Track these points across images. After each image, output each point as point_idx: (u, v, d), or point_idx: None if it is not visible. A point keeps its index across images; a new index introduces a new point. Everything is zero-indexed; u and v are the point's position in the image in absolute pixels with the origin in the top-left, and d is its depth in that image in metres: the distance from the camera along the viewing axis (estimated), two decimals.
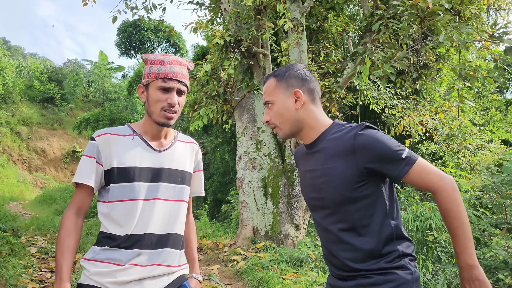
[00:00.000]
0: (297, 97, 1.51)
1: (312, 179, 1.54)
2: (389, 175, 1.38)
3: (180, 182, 1.69)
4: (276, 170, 6.29)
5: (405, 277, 1.37)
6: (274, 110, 1.54)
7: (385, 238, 1.40)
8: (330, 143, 1.47)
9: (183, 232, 1.72)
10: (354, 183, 1.39)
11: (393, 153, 1.35)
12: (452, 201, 1.33)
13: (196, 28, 7.05)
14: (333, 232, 1.47)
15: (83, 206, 1.59)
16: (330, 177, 1.45)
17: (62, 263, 1.48)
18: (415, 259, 1.46)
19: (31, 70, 31.05)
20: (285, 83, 1.53)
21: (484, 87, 12.56)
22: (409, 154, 1.37)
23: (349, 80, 6.18)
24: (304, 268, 4.94)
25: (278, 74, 1.56)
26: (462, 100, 5.27)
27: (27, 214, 12.99)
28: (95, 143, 1.57)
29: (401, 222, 1.48)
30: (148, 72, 1.61)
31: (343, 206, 1.43)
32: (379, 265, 1.39)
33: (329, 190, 1.45)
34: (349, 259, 1.43)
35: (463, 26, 4.73)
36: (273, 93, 1.54)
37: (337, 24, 7.86)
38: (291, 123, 1.52)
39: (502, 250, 3.70)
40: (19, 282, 4.21)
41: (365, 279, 1.40)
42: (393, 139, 1.41)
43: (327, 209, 1.49)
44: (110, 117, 22.75)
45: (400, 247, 1.41)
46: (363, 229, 1.41)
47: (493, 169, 5.99)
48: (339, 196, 1.43)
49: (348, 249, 1.43)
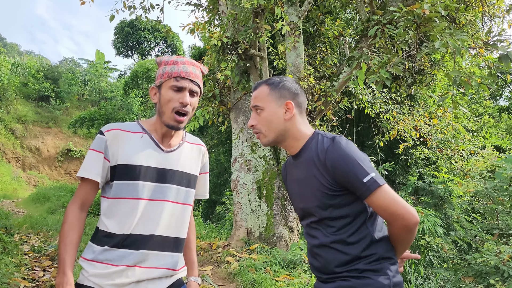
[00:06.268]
0: (288, 108, 1.55)
1: (299, 189, 1.60)
2: (355, 193, 1.43)
3: (186, 184, 1.67)
4: (271, 172, 6.31)
5: (382, 281, 1.40)
6: (263, 116, 1.57)
7: (364, 241, 1.45)
8: (309, 154, 1.53)
9: (186, 235, 1.72)
10: (330, 191, 1.45)
11: (356, 175, 1.38)
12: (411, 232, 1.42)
13: (194, 29, 7.05)
14: (317, 237, 1.53)
15: (87, 200, 1.58)
16: (311, 185, 1.51)
17: (65, 257, 1.47)
18: (396, 263, 1.49)
19: (27, 67, 30.80)
20: (278, 93, 1.57)
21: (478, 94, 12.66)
22: (374, 178, 1.38)
23: (345, 84, 6.22)
24: (297, 270, 4.96)
25: (272, 83, 1.59)
26: (456, 106, 5.31)
27: (20, 212, 12.93)
28: (103, 137, 1.55)
29: (381, 225, 1.53)
30: (161, 73, 1.61)
31: (325, 212, 1.48)
32: (358, 266, 1.43)
33: (312, 198, 1.51)
34: (329, 262, 1.49)
35: (458, 33, 4.77)
36: (264, 100, 1.57)
37: (334, 28, 7.90)
38: (277, 132, 1.56)
39: (493, 256, 3.74)
40: (12, 281, 4.19)
41: (343, 282, 1.45)
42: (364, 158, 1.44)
43: (312, 216, 1.55)
44: (105, 116, 22.67)
45: (380, 250, 1.45)
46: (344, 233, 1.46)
47: (485, 175, 6.05)
48: (320, 203, 1.49)
49: (329, 253, 1.49)
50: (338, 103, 7.16)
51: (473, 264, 4.03)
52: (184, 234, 1.69)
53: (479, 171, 6.32)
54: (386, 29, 5.15)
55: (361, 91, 7.72)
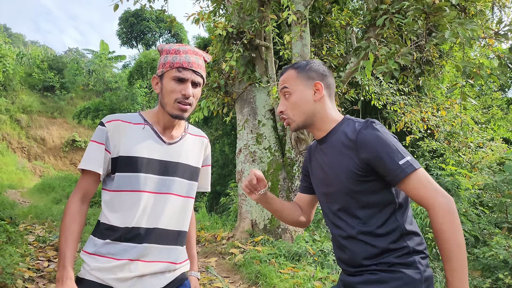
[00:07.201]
0: (317, 89, 1.51)
1: (323, 173, 1.55)
2: (386, 177, 1.35)
3: (189, 177, 1.64)
4: (276, 164, 6.26)
5: (412, 276, 1.33)
6: (291, 100, 1.53)
7: (394, 233, 1.38)
8: (338, 138, 1.47)
9: (188, 229, 1.69)
10: (358, 177, 1.39)
11: (391, 157, 1.32)
12: (446, 221, 1.26)
13: (198, 19, 6.98)
14: (342, 227, 1.47)
15: (89, 192, 1.54)
16: (337, 170, 1.46)
17: (65, 250, 1.43)
18: (427, 257, 1.43)
19: (32, 58, 30.84)
20: (306, 75, 1.53)
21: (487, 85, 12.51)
22: (410, 162, 1.31)
23: (352, 75, 6.13)
24: (302, 262, 4.94)
25: (298, 66, 1.56)
26: (464, 97, 5.22)
27: (26, 202, 12.99)
28: (104, 128, 1.52)
29: (411, 218, 1.46)
30: (163, 62, 1.56)
31: (351, 200, 1.43)
32: (388, 259, 1.37)
33: (337, 184, 1.46)
34: (357, 254, 1.43)
35: (468, 23, 4.67)
36: (293, 83, 1.53)
37: (341, 18, 7.78)
38: (307, 114, 1.52)
39: (502, 250, 3.69)
40: (16, 271, 4.19)
41: (372, 276, 1.39)
42: (398, 143, 1.38)
43: (336, 203, 1.49)
44: (110, 107, 22.71)
45: (411, 243, 1.39)
46: (372, 224, 1.40)
47: (495, 168, 5.96)
48: (346, 189, 1.43)
49: (356, 245, 1.43)
50: (345, 94, 7.08)
51: (481, 258, 3.98)
52: (186, 227, 1.66)
53: (488, 164, 6.24)
54: (395, 19, 5.05)
55: (368, 82, 7.62)
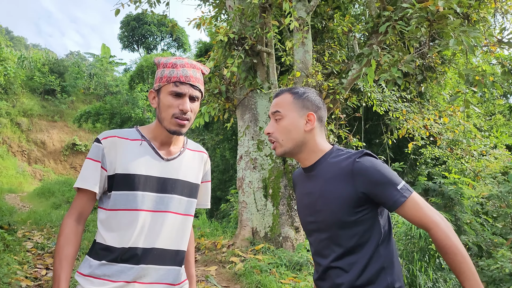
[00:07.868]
0: (309, 120, 1.51)
1: (310, 202, 1.53)
2: (385, 203, 1.38)
3: (188, 194, 1.59)
4: (277, 171, 6.20)
5: None
6: (282, 124, 1.51)
7: (376, 266, 1.40)
8: (329, 167, 1.48)
9: (187, 248, 1.64)
10: (352, 207, 1.40)
11: (389, 182, 1.36)
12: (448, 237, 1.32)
13: (200, 24, 6.95)
14: (327, 256, 1.47)
15: (85, 212, 1.49)
16: (328, 200, 1.45)
17: (60, 273, 1.38)
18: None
19: (33, 61, 30.81)
20: (301, 103, 1.52)
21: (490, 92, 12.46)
22: (406, 186, 1.37)
23: (354, 81, 6.09)
24: (304, 272, 4.87)
25: (296, 92, 1.55)
26: (468, 105, 5.17)
27: (25, 207, 12.93)
28: (100, 145, 1.47)
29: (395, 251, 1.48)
30: (159, 76, 1.51)
31: (339, 230, 1.43)
32: None
33: (326, 213, 1.45)
34: (338, 284, 1.43)
35: (471, 31, 4.63)
36: (286, 108, 1.52)
37: (343, 24, 7.74)
38: (295, 142, 1.51)
39: (508, 263, 3.62)
40: (13, 280, 4.12)
41: None
42: (392, 171, 1.42)
43: (323, 233, 1.49)
44: (111, 111, 22.64)
45: (389, 278, 1.41)
46: (356, 255, 1.41)
47: (499, 178, 5.89)
48: (336, 219, 1.43)
49: (339, 274, 1.44)
50: (347, 100, 7.03)
51: (486, 270, 3.91)
52: (185, 246, 1.60)
53: (492, 173, 6.16)
54: (398, 26, 5.01)
55: (370, 89, 7.57)
